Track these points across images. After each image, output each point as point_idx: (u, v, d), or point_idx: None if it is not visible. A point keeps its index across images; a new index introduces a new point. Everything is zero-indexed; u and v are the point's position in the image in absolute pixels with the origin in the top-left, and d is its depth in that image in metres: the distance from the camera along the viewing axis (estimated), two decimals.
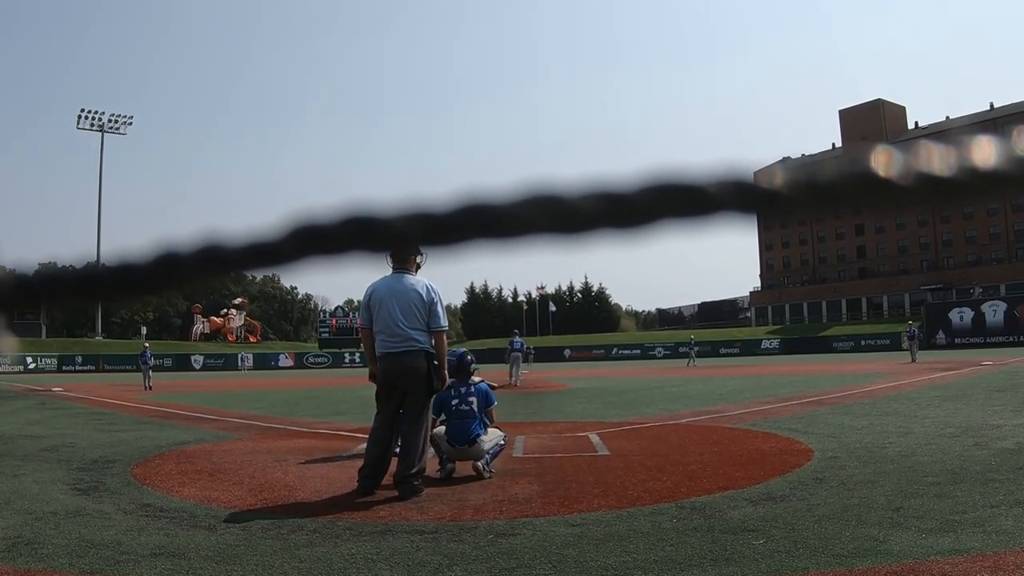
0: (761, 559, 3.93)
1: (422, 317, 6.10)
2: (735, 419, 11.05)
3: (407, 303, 6.09)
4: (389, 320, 6.08)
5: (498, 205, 0.49)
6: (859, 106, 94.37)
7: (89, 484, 6.61)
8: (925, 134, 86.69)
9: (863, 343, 63.53)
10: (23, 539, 4.64)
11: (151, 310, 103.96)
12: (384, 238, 0.50)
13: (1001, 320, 59.18)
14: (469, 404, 6.76)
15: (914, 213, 76.61)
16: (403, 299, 6.10)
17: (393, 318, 6.07)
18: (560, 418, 12.18)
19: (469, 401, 6.77)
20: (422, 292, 6.13)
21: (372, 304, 6.22)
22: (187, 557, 4.22)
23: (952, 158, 0.47)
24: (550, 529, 4.72)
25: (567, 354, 70.23)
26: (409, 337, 6.05)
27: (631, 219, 0.48)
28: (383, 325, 6.12)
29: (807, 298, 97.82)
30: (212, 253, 0.50)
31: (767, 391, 16.91)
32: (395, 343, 6.08)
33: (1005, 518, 4.56)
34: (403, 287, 6.14)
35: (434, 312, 6.16)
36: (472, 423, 6.67)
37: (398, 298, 6.10)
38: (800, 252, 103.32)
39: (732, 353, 65.45)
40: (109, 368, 58.57)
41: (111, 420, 13.41)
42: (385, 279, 6.26)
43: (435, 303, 6.17)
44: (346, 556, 4.22)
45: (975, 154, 0.47)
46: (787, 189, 0.47)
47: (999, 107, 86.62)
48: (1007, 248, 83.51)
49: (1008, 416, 9.86)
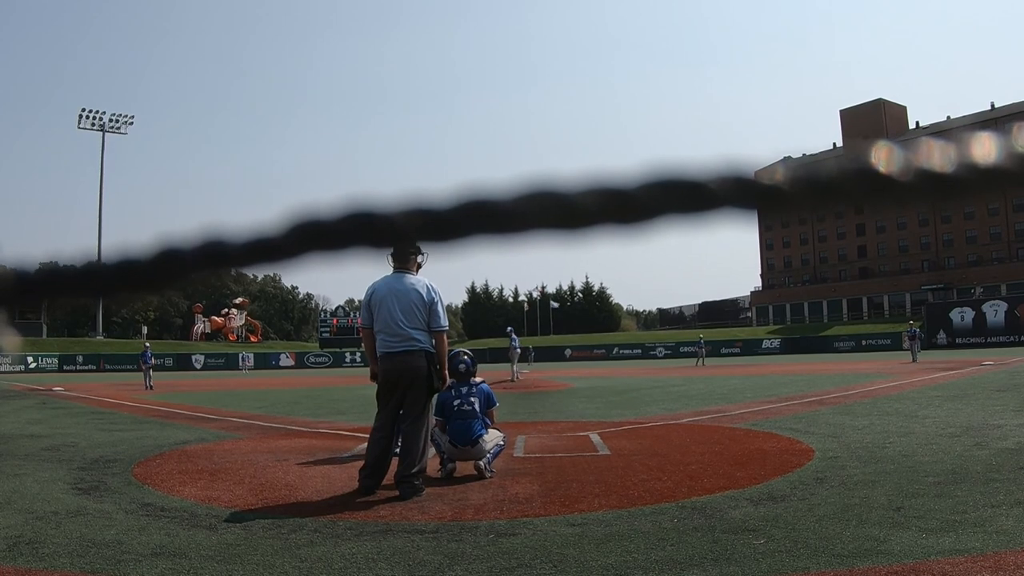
0: (762, 559, 3.93)
1: (422, 317, 6.10)
2: (736, 419, 11.04)
3: (408, 303, 6.09)
4: (390, 320, 6.08)
5: (499, 201, 0.49)
6: (860, 106, 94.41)
7: (90, 484, 6.61)
8: (926, 134, 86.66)
9: (864, 343, 63.53)
10: (24, 538, 4.64)
11: (152, 309, 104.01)
12: (385, 234, 0.50)
13: (1002, 320, 59.13)
14: (471, 404, 6.78)
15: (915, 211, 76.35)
16: (404, 299, 6.10)
17: (394, 318, 6.07)
18: (561, 418, 12.18)
19: (471, 401, 6.79)
20: (422, 292, 6.13)
21: (373, 304, 6.22)
22: (188, 557, 4.22)
23: (953, 154, 0.47)
24: (551, 529, 4.72)
25: (568, 354, 70.21)
26: (410, 337, 6.05)
27: (632, 215, 0.48)
28: (383, 324, 6.12)
29: (808, 298, 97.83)
30: (213, 249, 0.50)
31: (768, 391, 16.90)
32: (395, 343, 6.08)
33: (1006, 518, 4.56)
34: (403, 287, 6.14)
35: (435, 312, 6.16)
36: (474, 423, 6.68)
37: (399, 298, 6.10)
38: (801, 252, 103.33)
39: (733, 353, 65.43)
40: (110, 368, 58.62)
41: (112, 420, 13.42)
42: (385, 279, 6.26)
43: (435, 303, 6.17)
44: (347, 556, 4.22)
45: (975, 150, 0.47)
46: (788, 186, 0.47)
47: (1000, 107, 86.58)
48: (1008, 248, 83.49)
49: (1009, 416, 9.86)
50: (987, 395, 13.42)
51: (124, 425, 12.21)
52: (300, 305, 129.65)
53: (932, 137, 0.49)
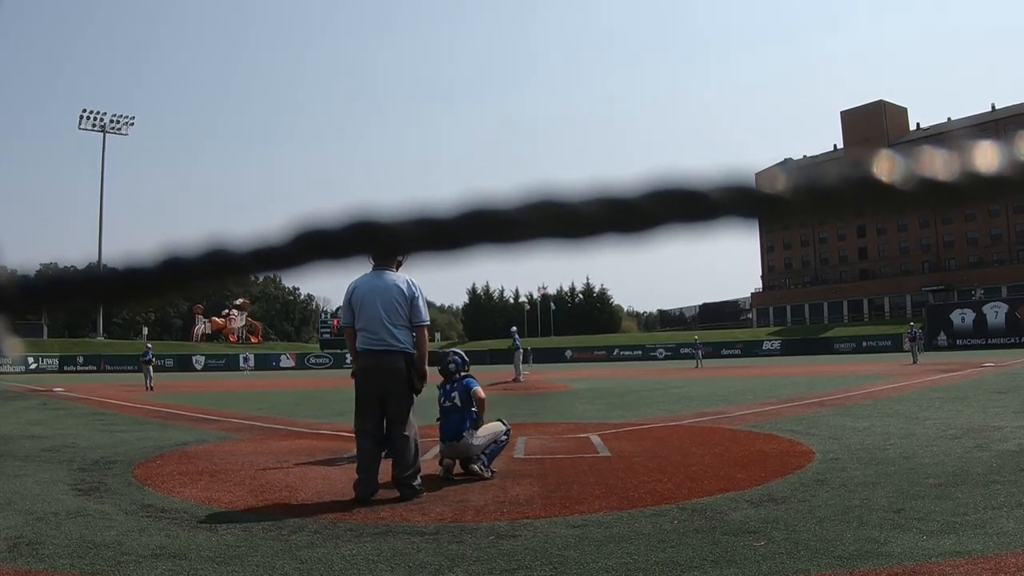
0: (762, 561, 3.93)
1: (404, 312, 6.13)
2: (736, 420, 11.05)
3: (389, 300, 6.11)
4: (373, 317, 6.11)
5: (502, 210, 0.49)
6: (861, 107, 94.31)
7: (90, 485, 6.62)
8: (926, 135, 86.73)
9: (864, 344, 63.47)
10: (24, 539, 4.65)
11: (152, 311, 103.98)
12: (388, 243, 0.51)
13: (1002, 322, 59.09)
14: (452, 400, 6.92)
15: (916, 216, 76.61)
16: (385, 296, 6.11)
17: (377, 315, 6.10)
18: (561, 419, 12.18)
19: (452, 397, 6.93)
20: (403, 287, 6.15)
21: (354, 302, 6.24)
22: (188, 558, 4.23)
23: (955, 163, 0.47)
24: (551, 530, 4.73)
25: (568, 355, 70.19)
26: (392, 336, 6.07)
27: (634, 224, 0.48)
28: (366, 322, 6.14)
29: (808, 299, 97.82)
30: (217, 258, 0.50)
31: (768, 392, 16.90)
32: (376, 341, 6.10)
33: (1007, 520, 4.56)
34: (384, 284, 6.16)
35: (415, 307, 6.19)
36: (456, 418, 6.81)
37: (380, 295, 6.12)
38: (801, 253, 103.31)
39: (733, 354, 65.37)
40: (111, 368, 58.64)
41: (112, 421, 13.43)
42: (365, 277, 6.25)
43: (416, 298, 6.19)
44: (347, 557, 4.22)
45: (978, 159, 0.47)
46: (789, 195, 0.47)
47: (1000, 108, 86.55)
48: (1008, 250, 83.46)
49: (1009, 418, 9.85)
50: (988, 397, 13.42)
51: (124, 426, 12.22)
52: (301, 306, 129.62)
53: (933, 146, 0.49)
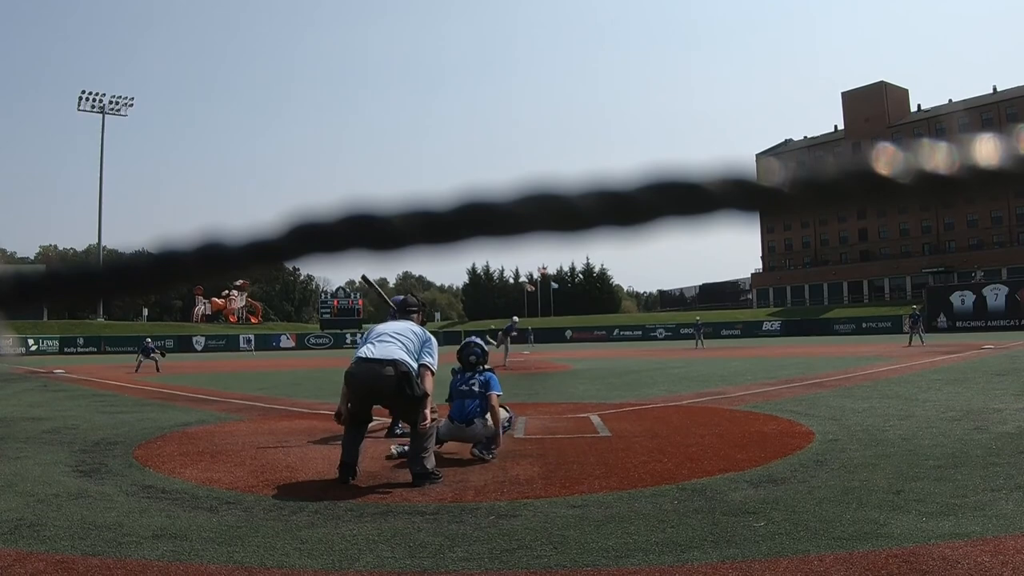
0: (762, 541, 3.95)
1: (415, 344, 6.13)
2: (736, 401, 11.08)
3: (404, 329, 6.26)
4: (381, 333, 6.19)
5: (498, 203, 0.49)
6: (862, 88, 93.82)
7: (91, 466, 6.64)
8: (927, 117, 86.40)
9: (864, 326, 63.45)
10: (25, 521, 4.67)
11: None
12: (384, 236, 0.50)
13: (1002, 304, 59.09)
14: (470, 385, 6.98)
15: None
16: (400, 327, 6.30)
17: (384, 332, 6.15)
18: (561, 399, 12.22)
19: (470, 383, 6.94)
20: (418, 331, 6.32)
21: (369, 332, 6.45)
22: (189, 538, 4.25)
23: (954, 157, 0.46)
24: (551, 510, 4.75)
25: (568, 335, 70.22)
26: (396, 350, 6.00)
27: (631, 217, 0.48)
28: (372, 336, 6.22)
29: (808, 280, 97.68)
30: (212, 252, 0.50)
31: (768, 373, 16.93)
32: (374, 350, 6.00)
33: (1005, 502, 4.58)
34: (403, 324, 6.38)
35: (426, 349, 6.21)
36: (470, 403, 6.83)
37: (395, 327, 6.31)
38: (802, 234, 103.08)
39: (733, 335, 65.45)
40: (111, 350, 58.71)
41: (113, 402, 13.46)
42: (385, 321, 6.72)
43: (429, 342, 6.28)
44: (347, 537, 4.24)
45: (978, 153, 0.46)
46: (789, 188, 0.47)
47: (1002, 90, 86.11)
48: (1009, 232, 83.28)
49: (1009, 400, 9.88)
50: (987, 379, 13.45)
51: (125, 407, 12.25)
52: (301, 287, 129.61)
53: (933, 140, 0.49)
